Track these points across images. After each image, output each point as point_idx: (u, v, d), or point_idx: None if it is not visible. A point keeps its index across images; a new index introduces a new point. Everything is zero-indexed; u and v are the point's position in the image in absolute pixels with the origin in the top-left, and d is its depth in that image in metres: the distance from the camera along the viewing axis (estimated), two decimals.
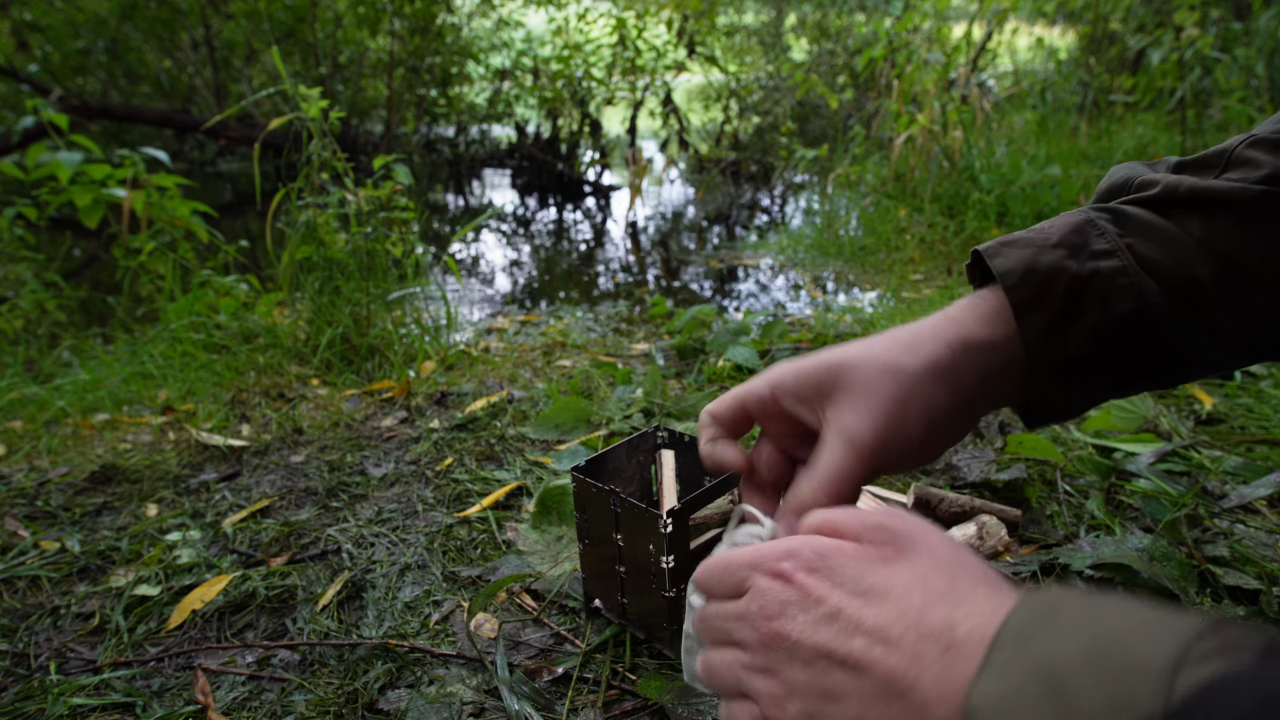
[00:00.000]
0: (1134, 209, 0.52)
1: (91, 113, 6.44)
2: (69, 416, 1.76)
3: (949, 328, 0.51)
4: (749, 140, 7.46)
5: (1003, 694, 0.28)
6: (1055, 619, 0.29)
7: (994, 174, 3.39)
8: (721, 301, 3.17)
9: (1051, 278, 0.49)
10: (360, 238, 2.06)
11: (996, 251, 0.52)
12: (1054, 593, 0.31)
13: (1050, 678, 0.26)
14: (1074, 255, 0.50)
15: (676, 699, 0.77)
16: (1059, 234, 0.51)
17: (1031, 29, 6.99)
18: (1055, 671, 0.26)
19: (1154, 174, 0.54)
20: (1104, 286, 0.49)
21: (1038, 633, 0.28)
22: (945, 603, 0.33)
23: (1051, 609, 0.29)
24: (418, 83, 7.58)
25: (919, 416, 0.48)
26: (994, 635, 0.30)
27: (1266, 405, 1.37)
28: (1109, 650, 0.26)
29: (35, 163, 2.11)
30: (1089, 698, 0.25)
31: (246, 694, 0.84)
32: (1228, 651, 0.24)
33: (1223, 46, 4.33)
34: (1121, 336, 0.50)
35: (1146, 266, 0.50)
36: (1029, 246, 0.51)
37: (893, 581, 0.36)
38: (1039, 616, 0.29)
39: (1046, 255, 0.50)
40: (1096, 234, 0.51)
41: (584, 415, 1.48)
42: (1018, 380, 0.52)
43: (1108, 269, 0.49)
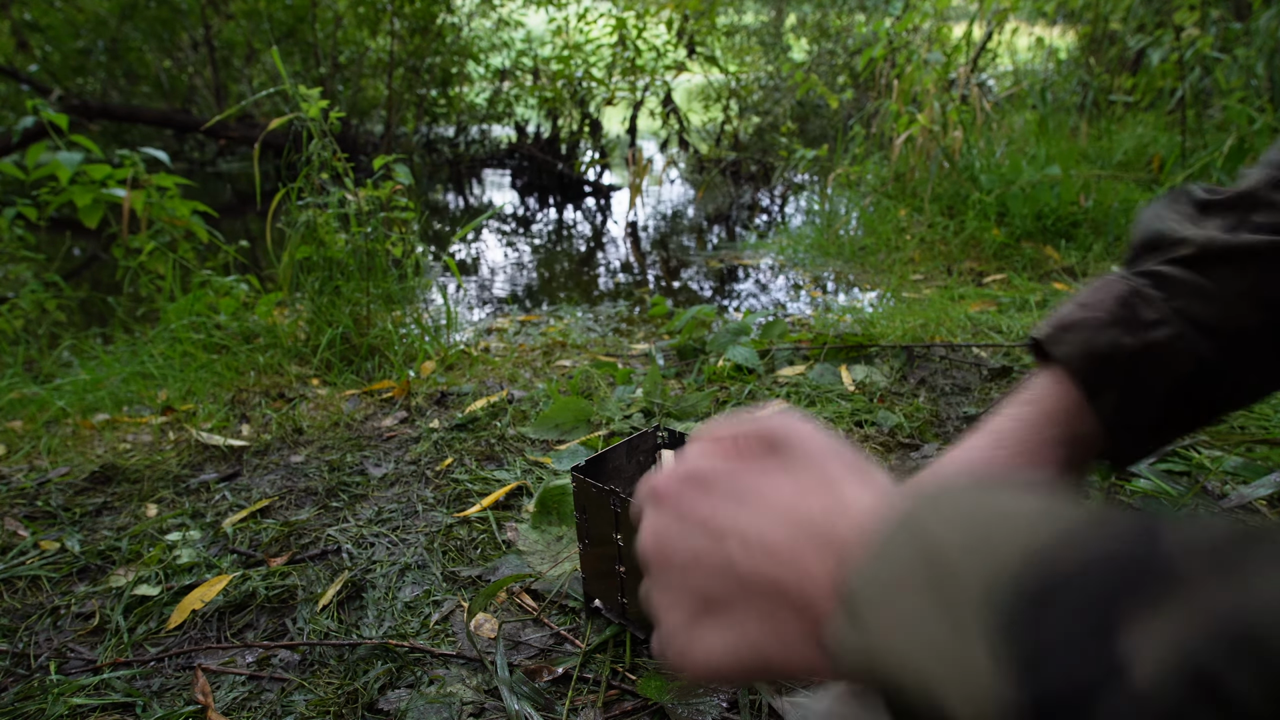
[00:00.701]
0: (1173, 270, 0.55)
1: (91, 113, 6.44)
2: (69, 416, 1.76)
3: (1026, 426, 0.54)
4: (749, 140, 7.46)
5: (877, 560, 0.28)
6: (943, 496, 0.29)
7: (994, 174, 3.39)
8: (721, 301, 3.17)
9: (1111, 357, 0.53)
10: (360, 238, 2.06)
11: (1056, 339, 0.55)
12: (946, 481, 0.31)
13: (925, 544, 0.27)
14: (1129, 330, 0.53)
15: (676, 699, 0.77)
16: (1108, 309, 0.54)
17: (1031, 29, 6.99)
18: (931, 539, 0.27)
19: (1184, 230, 0.57)
20: (1163, 355, 0.52)
21: (921, 510, 0.29)
22: (820, 497, 0.33)
23: (941, 489, 0.30)
24: (418, 83, 7.58)
25: None
26: (880, 521, 0.30)
27: (1266, 405, 1.37)
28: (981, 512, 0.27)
29: (35, 163, 2.11)
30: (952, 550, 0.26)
31: (246, 694, 0.84)
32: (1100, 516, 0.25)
33: (1223, 46, 4.33)
34: (1187, 394, 0.53)
35: (1199, 328, 0.52)
36: (1084, 329, 0.54)
37: (764, 482, 0.36)
38: (928, 497, 0.29)
39: (1102, 335, 0.53)
40: (1144, 304, 0.54)
41: (584, 415, 1.48)
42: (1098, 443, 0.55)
43: (1163, 338, 0.52)
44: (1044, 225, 3.11)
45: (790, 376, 1.71)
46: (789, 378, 1.70)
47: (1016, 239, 3.07)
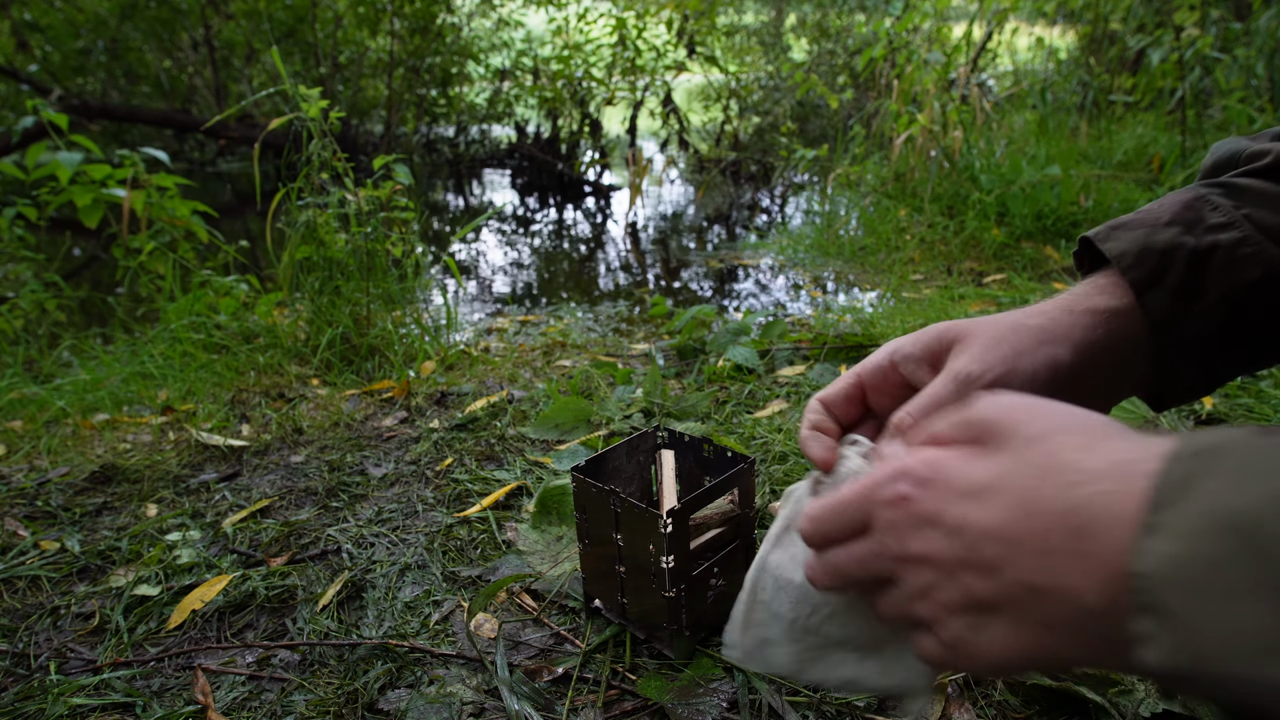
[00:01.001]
0: (1247, 180, 0.51)
1: (91, 113, 6.44)
2: (69, 416, 1.76)
3: (1068, 300, 0.50)
4: (749, 140, 7.46)
5: (1181, 557, 0.24)
6: (1225, 464, 0.25)
7: (994, 174, 3.39)
8: (721, 301, 3.17)
9: (1169, 254, 0.48)
10: (360, 238, 2.06)
11: (1107, 236, 0.51)
12: (1214, 433, 0.27)
13: (1241, 531, 0.23)
14: (1189, 230, 0.49)
15: (676, 699, 0.77)
16: (1170, 212, 0.50)
17: (1031, 29, 6.99)
18: (1245, 523, 0.23)
19: (1261, 145, 0.53)
20: (1226, 258, 0.48)
21: (1208, 482, 0.25)
22: (1055, 483, 0.30)
23: (1217, 453, 0.26)
24: (418, 83, 7.58)
25: (1043, 367, 0.47)
26: (1150, 496, 0.26)
27: (1266, 405, 1.37)
28: None
29: (35, 163, 2.11)
30: None
31: (246, 694, 0.84)
32: None
33: (1223, 46, 4.33)
34: (1253, 305, 0.49)
35: (1270, 234, 0.48)
36: (1140, 227, 0.50)
37: (997, 474, 0.33)
38: (1205, 464, 0.26)
39: (1160, 234, 0.49)
40: (1210, 208, 0.50)
41: (584, 415, 1.48)
42: (1144, 361, 0.51)
43: (1228, 240, 0.48)
44: (1044, 225, 3.11)
45: (790, 376, 1.71)
46: (789, 378, 1.70)
47: (1016, 239, 3.08)
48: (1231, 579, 0.23)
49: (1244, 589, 0.23)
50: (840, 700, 0.77)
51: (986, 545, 0.33)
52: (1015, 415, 0.35)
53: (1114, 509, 0.28)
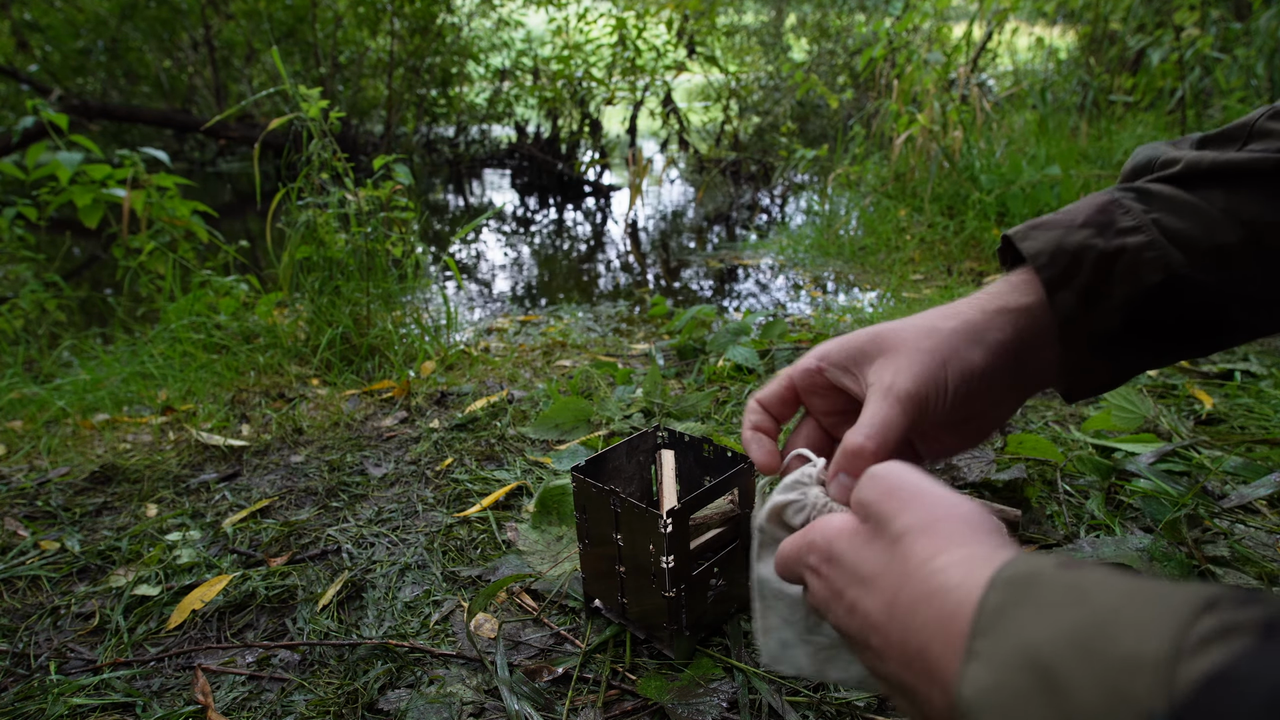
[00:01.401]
0: (1158, 186, 0.54)
1: (91, 113, 6.44)
2: (69, 416, 1.76)
3: (982, 298, 0.53)
4: (749, 140, 7.46)
5: (991, 687, 0.26)
6: (1033, 596, 0.27)
7: (994, 174, 3.39)
8: (721, 301, 3.17)
9: (1079, 255, 0.51)
10: (360, 238, 2.06)
11: (1025, 235, 0.54)
12: (1028, 561, 0.29)
13: (1040, 669, 0.25)
14: (1101, 233, 0.52)
15: (676, 699, 0.77)
16: (1084, 215, 0.53)
17: (1031, 29, 6.99)
18: (1044, 661, 0.25)
19: (1176, 152, 0.56)
20: (1131, 261, 0.51)
21: (1017, 613, 0.27)
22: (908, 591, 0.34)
23: (1027, 583, 0.28)
24: (418, 83, 7.58)
25: (956, 373, 0.50)
26: (972, 618, 0.29)
27: (1266, 405, 1.37)
28: (1099, 638, 0.24)
29: (35, 163, 2.11)
30: (1085, 695, 0.24)
31: (246, 694, 0.84)
32: (1227, 635, 0.22)
33: (1223, 46, 4.33)
34: (1153, 307, 0.51)
35: (1173, 239, 0.51)
36: (1056, 228, 0.53)
37: (876, 564, 0.37)
38: (1015, 594, 0.28)
39: (1074, 235, 0.52)
40: (1122, 212, 0.52)
41: (584, 415, 1.48)
42: (1055, 354, 0.54)
43: (1134, 244, 0.51)
44: None
45: None
46: None
47: None
48: (1030, 711, 0.25)
49: None
50: (840, 700, 0.77)
51: (872, 635, 0.37)
52: (887, 505, 0.39)
53: (944, 636, 0.30)
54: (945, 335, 0.51)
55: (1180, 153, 0.55)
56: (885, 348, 0.51)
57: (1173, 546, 0.95)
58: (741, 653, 0.83)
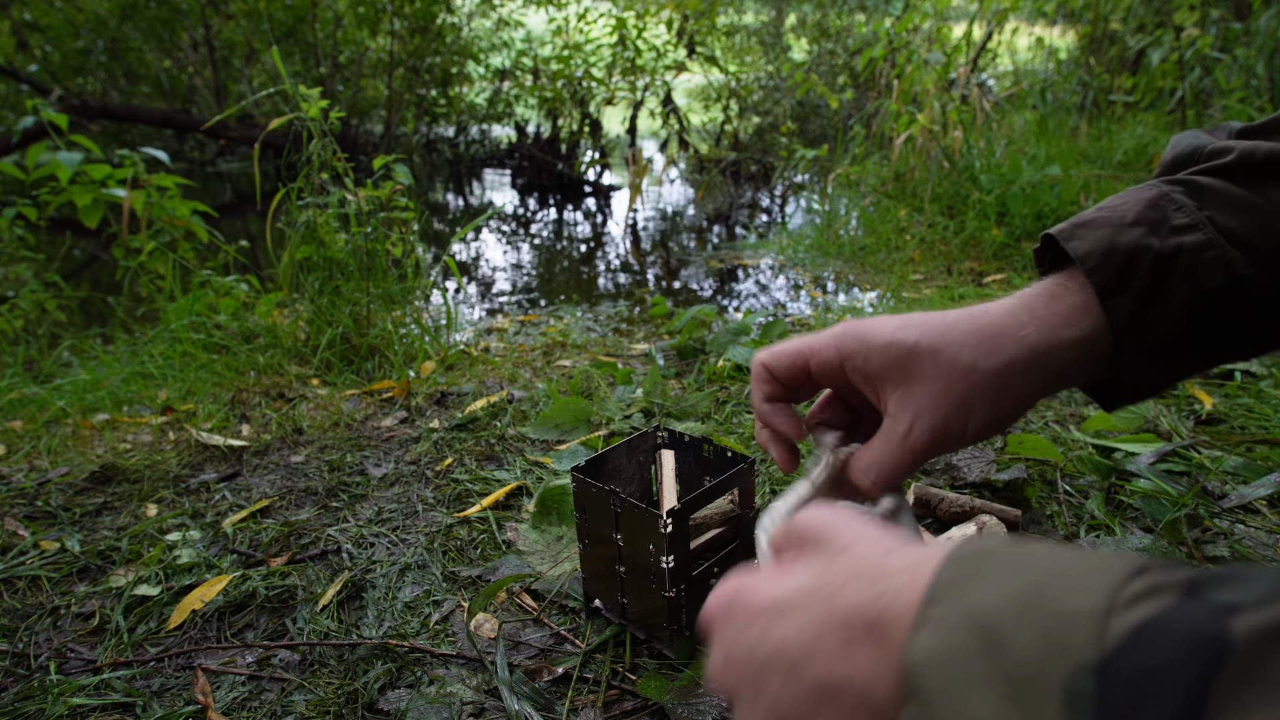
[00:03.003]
0: (1208, 179, 0.50)
1: (91, 113, 6.44)
2: (69, 416, 1.76)
3: (1033, 327, 0.48)
4: (749, 140, 7.47)
5: (938, 648, 0.27)
6: (985, 569, 0.28)
7: (994, 174, 3.39)
8: (721, 301, 3.17)
9: (1134, 257, 0.47)
10: (360, 238, 2.06)
11: (1071, 234, 0.50)
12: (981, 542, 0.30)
13: (984, 628, 0.26)
14: (1154, 232, 0.48)
15: (676, 699, 0.77)
16: (1135, 211, 0.49)
17: (1031, 29, 6.99)
18: (987, 622, 0.26)
19: (1222, 141, 0.52)
20: (1190, 262, 0.47)
21: (968, 584, 0.28)
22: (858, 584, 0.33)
23: (980, 557, 0.29)
24: (418, 83, 7.58)
25: (980, 422, 0.48)
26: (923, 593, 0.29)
27: (1266, 405, 1.37)
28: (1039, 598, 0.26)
29: (35, 163, 2.11)
30: (1022, 646, 0.25)
31: (246, 694, 0.84)
32: (1155, 594, 0.24)
33: (1223, 46, 4.33)
34: (1214, 312, 0.48)
35: (1230, 238, 0.47)
36: (1105, 226, 0.49)
37: (796, 584, 0.35)
38: (968, 567, 0.29)
39: (1125, 234, 0.48)
40: (1174, 208, 0.49)
41: (584, 415, 1.48)
42: (1100, 362, 0.50)
43: (1192, 244, 0.47)
44: (1044, 225, 3.10)
45: None
46: None
47: (1016, 239, 3.08)
48: (973, 670, 0.26)
49: (981, 679, 0.25)
50: None
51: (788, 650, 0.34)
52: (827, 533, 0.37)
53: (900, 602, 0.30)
54: (983, 379, 0.47)
55: (1227, 142, 0.51)
56: (914, 375, 0.47)
57: (1173, 546, 0.95)
58: None
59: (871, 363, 0.49)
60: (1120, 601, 0.24)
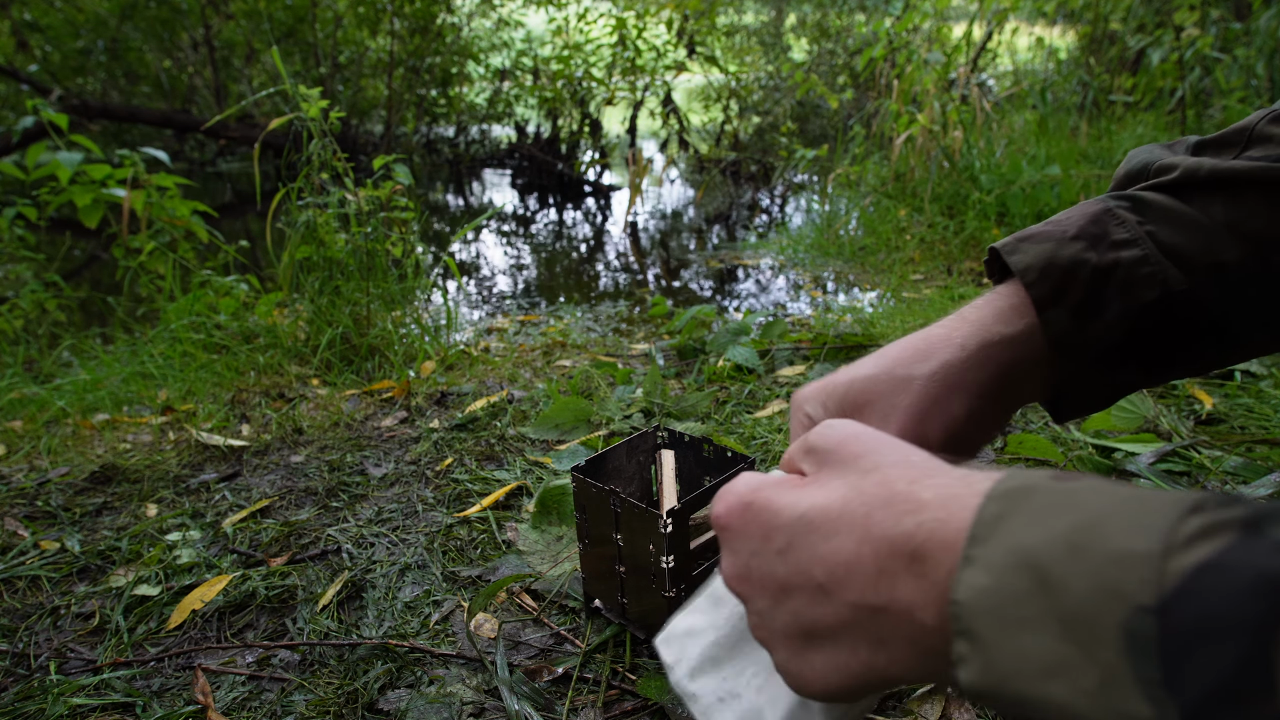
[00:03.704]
0: (1153, 195, 0.51)
1: (91, 113, 6.44)
2: (69, 416, 1.76)
3: (963, 329, 0.50)
4: (749, 140, 7.47)
5: (988, 589, 0.27)
6: (1029, 504, 0.28)
7: (994, 174, 3.39)
8: (721, 301, 3.17)
9: (1072, 271, 0.48)
10: (360, 238, 2.06)
11: (1014, 248, 0.51)
12: (1024, 475, 0.29)
13: (1034, 569, 0.26)
14: (1093, 246, 0.49)
15: (676, 699, 0.77)
16: (1076, 226, 0.50)
17: (1031, 29, 6.99)
18: (1038, 562, 0.26)
19: (1172, 157, 0.53)
20: (1126, 276, 0.48)
21: (1013, 521, 0.27)
22: (891, 511, 0.32)
23: (1023, 493, 0.28)
24: (418, 83, 7.58)
25: (938, 428, 0.48)
26: (968, 528, 0.29)
27: (1266, 405, 1.37)
28: (1091, 539, 0.25)
29: (35, 163, 2.11)
30: (1078, 589, 0.25)
31: (246, 694, 0.84)
32: (1213, 533, 0.23)
33: (1223, 46, 4.33)
34: (1148, 325, 0.49)
35: (1170, 254, 0.48)
36: (1047, 240, 0.50)
37: (828, 502, 0.34)
38: (1012, 504, 0.28)
39: (1066, 249, 0.49)
40: (1115, 223, 0.50)
41: (584, 415, 1.48)
42: (1043, 375, 0.51)
43: (1129, 259, 0.48)
44: None
45: (790, 376, 1.71)
46: (789, 378, 1.70)
47: None
48: (1024, 610, 0.26)
49: (1033, 619, 0.26)
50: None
51: (816, 569, 0.34)
52: (850, 447, 0.37)
53: (941, 537, 0.30)
54: (921, 386, 0.48)
55: (1177, 158, 0.53)
56: (864, 404, 0.48)
57: None
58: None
59: (836, 400, 0.50)
60: (1177, 541, 0.24)
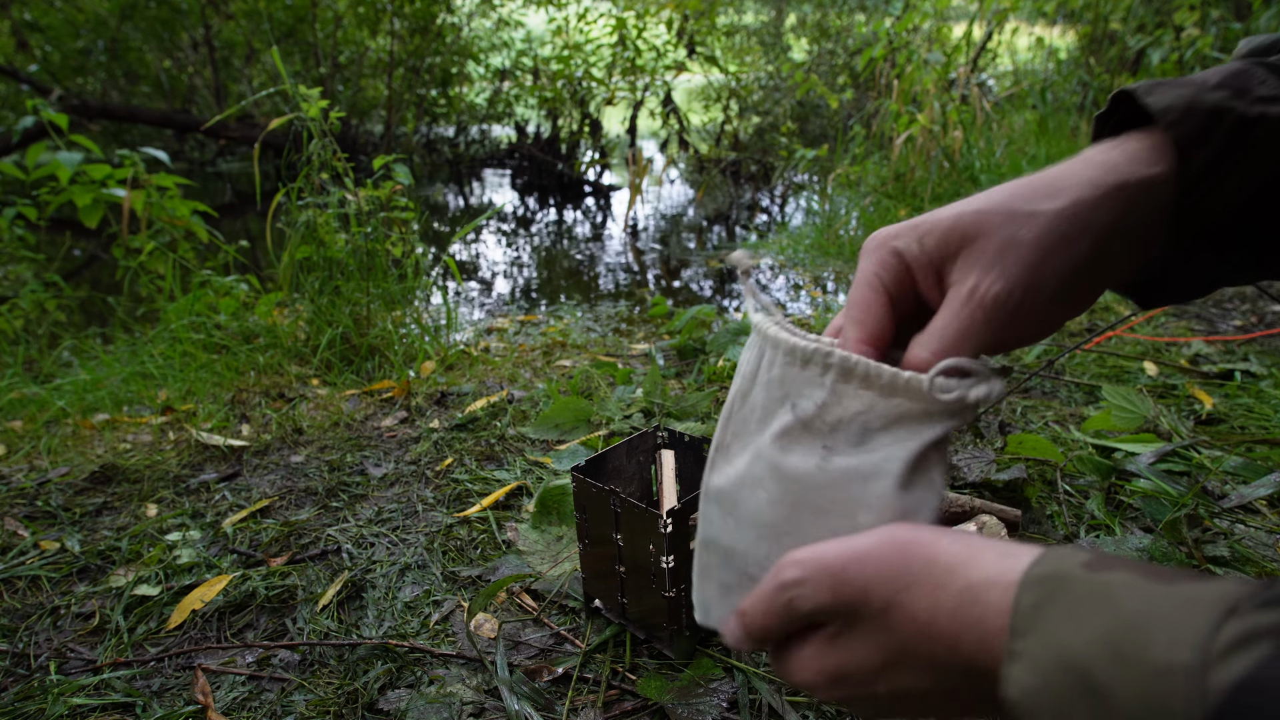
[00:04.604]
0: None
1: (91, 113, 6.43)
2: (69, 416, 1.76)
3: (1089, 170, 0.44)
4: (749, 140, 7.46)
5: (1038, 690, 0.28)
6: (1065, 597, 0.28)
7: (994, 174, 3.39)
8: (721, 301, 3.17)
9: (1217, 115, 0.44)
10: (360, 238, 2.06)
11: (1150, 90, 0.46)
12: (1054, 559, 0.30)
13: (1079, 671, 0.26)
14: (1239, 96, 0.45)
15: (676, 699, 0.77)
16: (1218, 77, 0.46)
17: (1031, 29, 6.99)
18: (1083, 665, 0.26)
19: None
20: (1271, 131, 0.44)
21: (1051, 616, 0.28)
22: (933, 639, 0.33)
23: (1057, 583, 0.29)
24: (418, 83, 7.58)
25: (1058, 270, 0.42)
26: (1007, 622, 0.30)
27: (1266, 405, 1.37)
28: (1131, 645, 0.26)
29: (35, 163, 2.11)
30: (1124, 697, 0.25)
31: (246, 694, 0.84)
32: (1249, 643, 0.24)
33: (1223, 46, 4.32)
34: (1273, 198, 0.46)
35: None
36: (1187, 85, 0.46)
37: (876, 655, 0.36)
38: (1047, 594, 0.29)
39: (1209, 95, 0.45)
40: (1259, 81, 0.46)
41: (584, 415, 1.48)
42: (1159, 235, 0.46)
43: (1275, 114, 0.45)
44: None
45: None
46: None
47: None
48: (1073, 712, 0.27)
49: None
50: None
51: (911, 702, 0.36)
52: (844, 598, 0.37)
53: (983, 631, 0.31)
54: (1048, 221, 0.42)
55: None
56: (977, 235, 0.42)
57: (1173, 546, 0.95)
58: (741, 653, 0.83)
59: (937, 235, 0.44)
60: (1215, 653, 0.24)
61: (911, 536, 0.36)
